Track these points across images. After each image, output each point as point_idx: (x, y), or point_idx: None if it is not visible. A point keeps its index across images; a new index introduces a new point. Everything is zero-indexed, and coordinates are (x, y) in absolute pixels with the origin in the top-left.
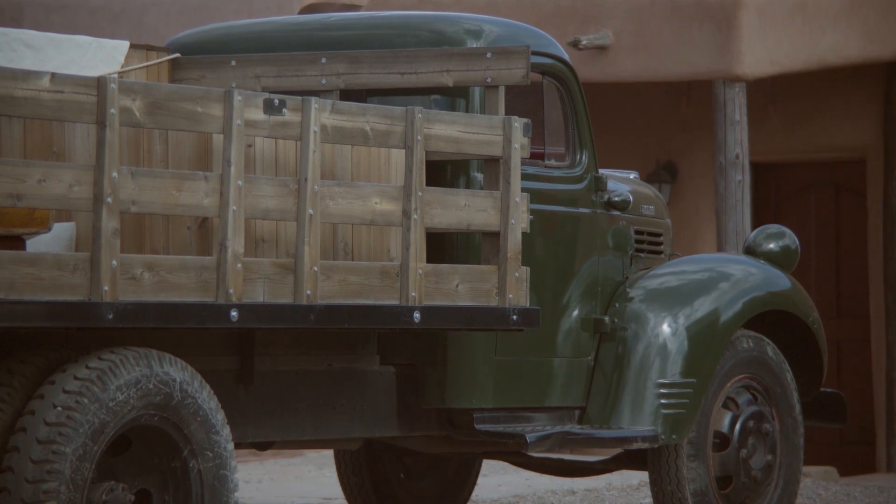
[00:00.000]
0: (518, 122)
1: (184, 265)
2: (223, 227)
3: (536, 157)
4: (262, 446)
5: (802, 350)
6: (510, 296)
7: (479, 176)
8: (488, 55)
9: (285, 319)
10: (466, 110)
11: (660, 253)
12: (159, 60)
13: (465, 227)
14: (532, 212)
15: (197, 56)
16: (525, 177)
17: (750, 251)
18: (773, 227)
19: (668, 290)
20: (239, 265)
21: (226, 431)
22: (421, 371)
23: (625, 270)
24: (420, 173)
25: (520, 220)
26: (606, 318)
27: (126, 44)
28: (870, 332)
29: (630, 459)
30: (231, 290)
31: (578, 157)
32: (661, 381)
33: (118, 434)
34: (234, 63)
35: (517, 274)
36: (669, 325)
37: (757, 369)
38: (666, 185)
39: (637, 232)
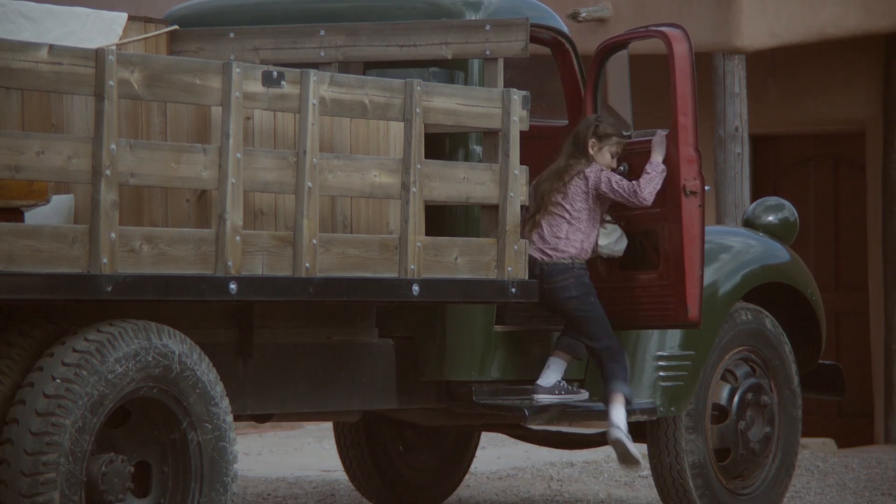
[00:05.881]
0: (517, 95)
1: (183, 238)
2: (222, 200)
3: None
4: (262, 419)
5: (801, 322)
6: (509, 269)
7: (478, 149)
8: (487, 27)
9: (284, 292)
10: (465, 83)
11: None
12: (157, 32)
13: (464, 199)
14: None
15: (195, 28)
16: None
17: (749, 224)
18: (772, 200)
19: None
20: (238, 238)
21: (225, 403)
22: (420, 344)
23: None
24: (419, 146)
25: (519, 193)
26: None
27: (124, 16)
28: (868, 305)
29: (629, 432)
30: (230, 263)
31: None
32: (659, 353)
33: (117, 406)
34: (232, 35)
35: (516, 247)
36: None
37: (755, 342)
38: None
39: None
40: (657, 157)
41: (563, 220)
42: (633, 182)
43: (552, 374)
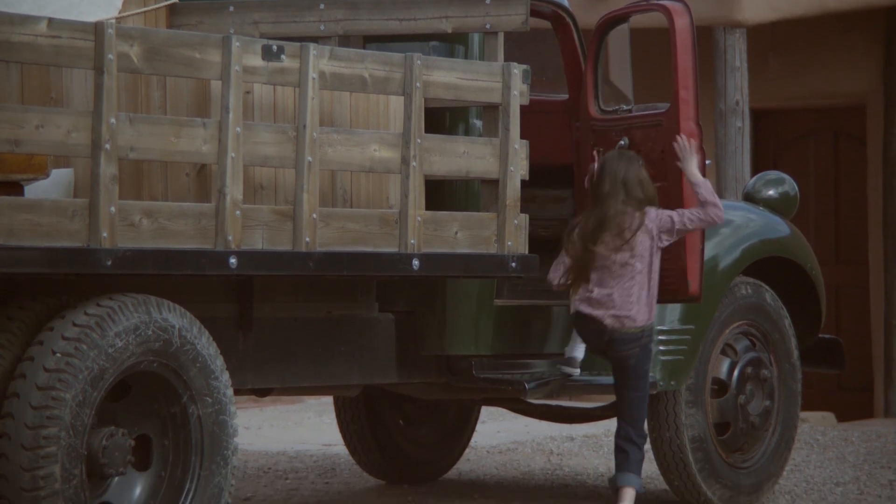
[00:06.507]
0: (517, 69)
1: (182, 212)
2: (222, 174)
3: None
4: (262, 393)
5: (801, 296)
6: (509, 243)
7: (479, 123)
8: (487, 1)
9: (284, 266)
10: (465, 57)
11: None
12: (157, 6)
13: (464, 174)
14: None
15: (195, 1)
16: None
17: (749, 198)
18: (773, 174)
19: None
20: (238, 212)
21: (225, 377)
22: (420, 318)
23: None
24: (419, 120)
25: (519, 168)
26: None
27: None
28: (868, 278)
29: None
30: (230, 237)
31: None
32: (659, 328)
33: (117, 380)
34: (231, 9)
35: (516, 221)
36: None
37: (755, 316)
38: None
39: None
40: (695, 175)
41: (633, 282)
42: (702, 203)
43: (582, 346)
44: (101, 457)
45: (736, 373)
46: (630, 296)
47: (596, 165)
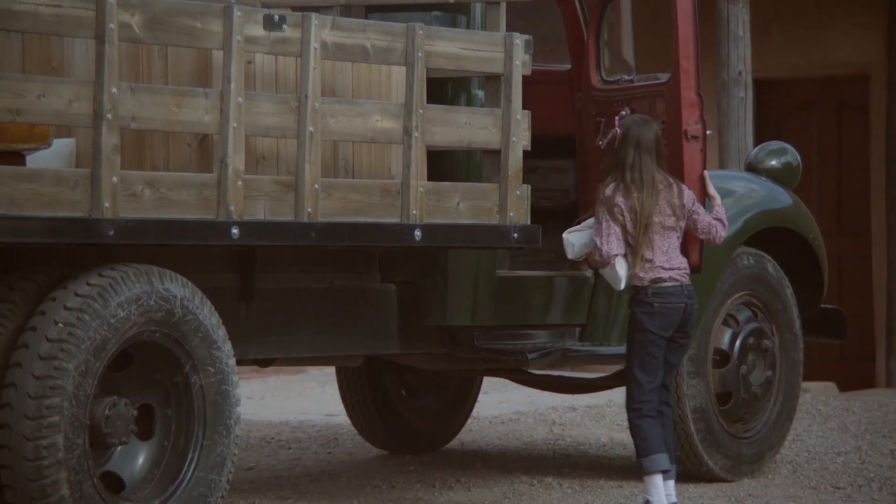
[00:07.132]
0: (519, 39)
1: (184, 182)
2: (223, 144)
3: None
4: (264, 363)
5: (803, 267)
6: (511, 214)
7: (481, 93)
8: None
9: (286, 237)
10: (468, 27)
11: None
12: None
13: (466, 144)
14: None
15: None
16: None
17: (752, 168)
18: (775, 144)
19: None
20: (239, 182)
21: (227, 347)
22: (422, 289)
23: None
24: (421, 90)
25: (521, 138)
26: None
27: None
28: (871, 249)
29: None
30: (232, 207)
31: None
32: None
33: (120, 350)
34: None
35: (518, 192)
36: None
37: (757, 286)
38: None
39: None
40: (716, 197)
41: (677, 241)
42: (715, 219)
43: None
44: (103, 426)
45: (738, 343)
46: (678, 253)
47: (618, 131)
